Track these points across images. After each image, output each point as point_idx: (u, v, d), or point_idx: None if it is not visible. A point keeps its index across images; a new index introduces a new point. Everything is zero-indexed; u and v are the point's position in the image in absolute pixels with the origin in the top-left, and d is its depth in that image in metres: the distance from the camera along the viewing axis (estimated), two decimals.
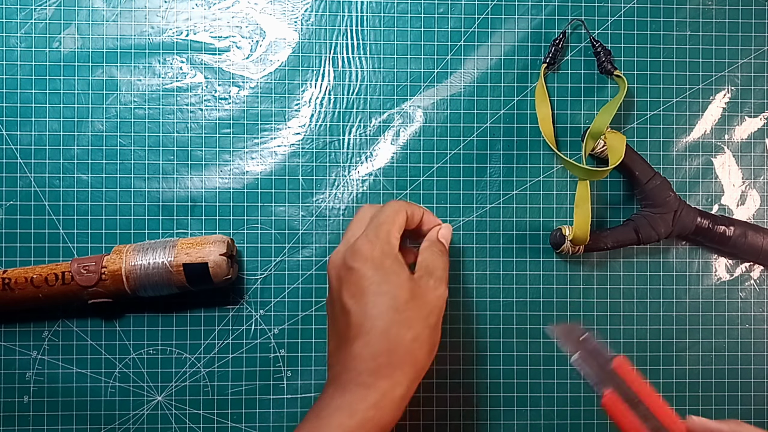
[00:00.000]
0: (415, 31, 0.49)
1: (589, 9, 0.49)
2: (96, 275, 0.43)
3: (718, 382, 0.49)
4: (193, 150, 0.48)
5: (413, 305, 0.37)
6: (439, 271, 0.40)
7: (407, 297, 0.37)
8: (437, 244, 0.42)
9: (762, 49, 0.50)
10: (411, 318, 0.36)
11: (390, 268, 0.37)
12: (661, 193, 0.46)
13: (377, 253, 0.37)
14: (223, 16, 0.48)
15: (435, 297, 0.38)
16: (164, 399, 0.47)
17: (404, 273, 0.37)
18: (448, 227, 0.43)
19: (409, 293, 0.37)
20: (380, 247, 0.38)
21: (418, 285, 0.38)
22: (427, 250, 0.41)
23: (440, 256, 0.41)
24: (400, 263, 0.38)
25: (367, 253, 0.37)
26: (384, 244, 0.38)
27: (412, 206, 0.42)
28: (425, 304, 0.37)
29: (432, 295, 0.38)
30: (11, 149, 0.47)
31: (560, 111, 0.49)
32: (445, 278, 0.40)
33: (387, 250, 0.38)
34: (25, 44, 0.47)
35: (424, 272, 0.39)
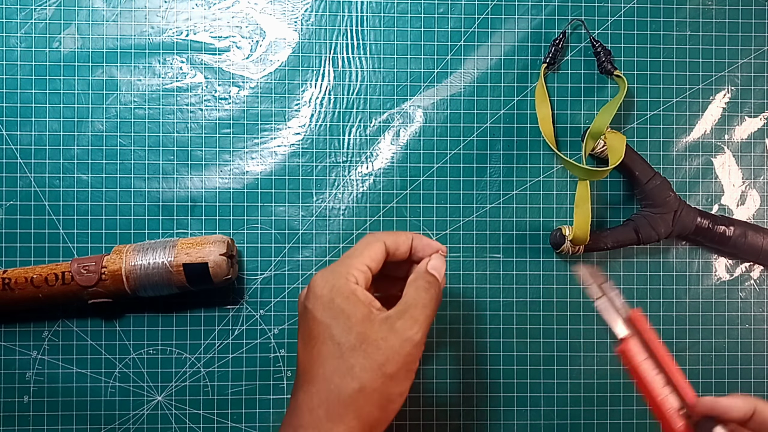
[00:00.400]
0: (415, 31, 0.49)
1: (589, 9, 0.49)
2: (96, 275, 0.43)
3: (718, 382, 0.49)
4: (193, 150, 0.48)
5: (363, 351, 0.32)
6: (417, 310, 0.34)
7: (355, 341, 0.32)
8: (425, 276, 0.37)
9: (762, 49, 0.50)
10: (358, 366, 0.32)
11: (339, 308, 0.33)
12: (661, 193, 0.46)
13: (327, 291, 0.34)
14: (223, 16, 0.48)
15: (399, 341, 0.33)
16: (164, 399, 0.47)
17: (357, 313, 0.33)
18: (439, 257, 0.38)
19: (358, 337, 0.33)
20: (332, 284, 0.34)
21: (377, 327, 0.33)
22: (410, 285, 0.36)
23: (424, 291, 0.35)
24: (354, 301, 0.33)
25: (318, 291, 0.34)
26: (338, 279, 0.34)
27: (395, 235, 0.38)
28: (381, 349, 0.32)
29: (395, 338, 0.33)
30: (11, 149, 0.47)
31: (560, 111, 0.49)
32: (422, 318, 0.34)
33: (339, 287, 0.34)
34: (25, 44, 0.47)
35: (395, 311, 0.34)
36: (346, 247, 0.48)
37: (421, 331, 0.34)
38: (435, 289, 0.36)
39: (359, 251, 0.36)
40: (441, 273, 0.38)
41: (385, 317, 0.34)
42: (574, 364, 0.49)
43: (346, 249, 0.48)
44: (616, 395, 0.49)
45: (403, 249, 0.38)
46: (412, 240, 0.38)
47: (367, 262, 0.36)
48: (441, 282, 0.37)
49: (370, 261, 0.36)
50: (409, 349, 0.33)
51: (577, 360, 0.49)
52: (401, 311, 0.34)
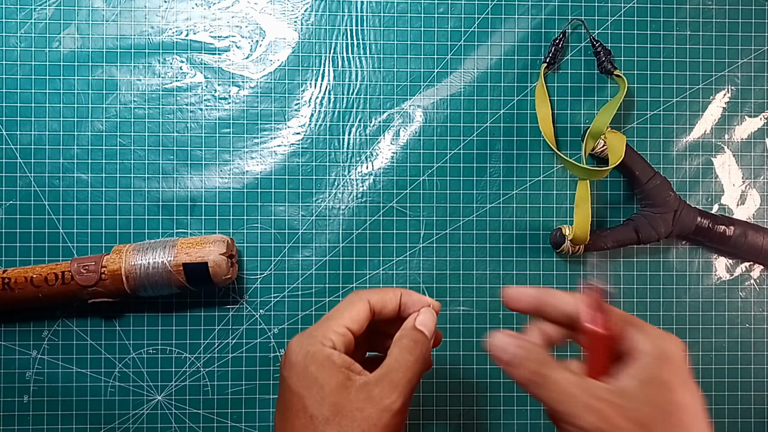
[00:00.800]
0: (415, 31, 0.49)
1: (589, 9, 0.49)
2: (96, 275, 0.43)
3: (718, 382, 0.49)
4: (192, 150, 0.48)
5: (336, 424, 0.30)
6: (398, 374, 0.31)
7: (328, 414, 0.30)
8: (411, 334, 0.34)
9: (762, 49, 0.50)
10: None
11: (312, 376, 0.31)
12: (661, 192, 0.46)
13: (300, 357, 0.31)
14: (223, 15, 0.48)
15: (377, 411, 0.30)
16: (164, 398, 0.47)
17: (331, 381, 0.30)
18: (428, 312, 0.35)
19: (331, 409, 0.30)
20: (306, 350, 0.31)
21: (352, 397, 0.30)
22: (395, 345, 0.33)
23: (408, 352, 0.33)
24: (329, 368, 0.31)
25: (293, 358, 0.32)
26: (312, 344, 0.32)
27: (382, 292, 0.35)
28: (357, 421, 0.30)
29: (372, 408, 0.30)
30: (11, 149, 0.47)
31: (560, 111, 0.49)
32: (402, 382, 0.31)
33: (313, 353, 0.31)
34: (24, 44, 0.47)
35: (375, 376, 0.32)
36: (346, 247, 0.48)
37: (401, 398, 0.31)
38: (421, 348, 0.33)
39: (339, 312, 0.34)
40: (430, 329, 0.35)
41: (363, 383, 0.31)
42: None
43: (346, 249, 0.48)
44: None
45: (390, 306, 0.35)
46: (400, 296, 0.36)
47: (347, 324, 0.33)
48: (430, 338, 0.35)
49: (350, 322, 0.33)
50: (388, 420, 0.30)
51: None
52: (381, 375, 0.31)
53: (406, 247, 0.48)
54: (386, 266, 0.48)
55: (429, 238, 0.48)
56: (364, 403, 0.30)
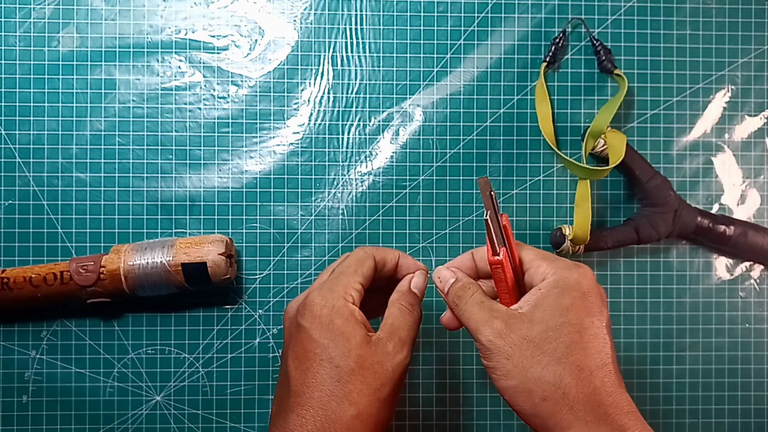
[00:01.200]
0: (415, 31, 0.49)
1: (589, 8, 0.49)
2: (94, 275, 0.43)
3: (718, 382, 0.49)
4: (191, 149, 0.48)
5: (361, 376, 0.32)
6: (403, 332, 0.34)
7: (354, 366, 0.32)
8: (407, 296, 0.37)
9: (762, 48, 0.50)
10: (355, 391, 0.32)
11: (339, 330, 0.33)
12: (661, 192, 0.46)
13: (326, 311, 0.33)
14: (222, 14, 0.48)
15: (392, 365, 0.33)
16: (163, 399, 0.47)
17: (356, 336, 0.33)
18: (421, 274, 0.38)
19: (357, 361, 0.32)
20: (331, 304, 0.33)
21: (372, 351, 0.33)
22: (393, 305, 0.36)
23: (408, 312, 0.36)
24: (353, 323, 0.33)
25: (317, 311, 0.33)
26: (336, 299, 0.34)
27: (384, 251, 0.38)
28: (377, 374, 0.32)
29: (388, 363, 0.33)
30: (10, 149, 0.47)
31: (560, 110, 0.49)
32: (408, 340, 0.35)
33: (339, 307, 0.33)
34: (24, 44, 0.47)
35: (384, 333, 0.34)
36: (345, 247, 0.48)
37: (409, 353, 0.34)
38: (418, 310, 0.36)
39: (353, 268, 0.36)
40: (422, 291, 0.38)
41: (377, 339, 0.34)
42: None
43: (345, 249, 0.48)
44: None
45: (389, 266, 0.38)
46: (398, 258, 0.38)
47: (360, 280, 0.35)
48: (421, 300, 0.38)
49: (363, 279, 0.36)
50: (401, 372, 0.34)
51: None
52: (390, 334, 0.34)
53: (406, 247, 0.48)
54: None
55: (429, 238, 0.48)
56: (382, 357, 0.33)
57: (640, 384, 0.49)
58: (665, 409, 0.49)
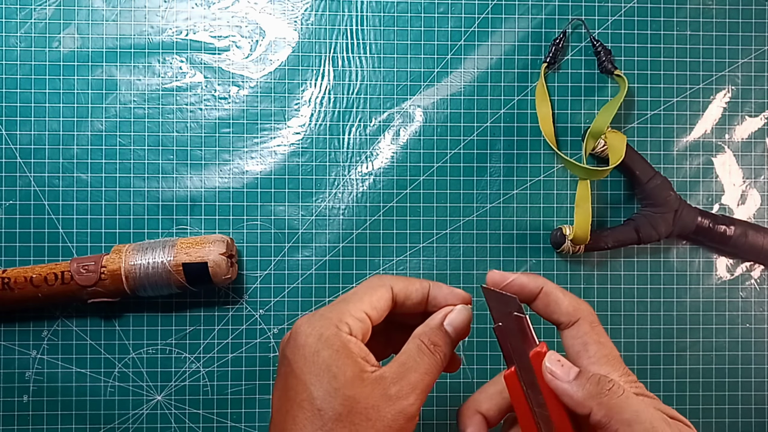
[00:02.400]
0: (415, 31, 0.49)
1: (590, 8, 0.49)
2: (95, 275, 0.43)
3: (718, 382, 0.49)
4: (192, 149, 0.48)
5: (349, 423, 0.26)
6: (417, 376, 0.28)
7: (340, 409, 0.26)
8: (433, 333, 0.30)
9: (762, 49, 0.50)
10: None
11: (324, 364, 0.27)
12: (661, 192, 0.46)
13: (312, 340, 0.27)
14: (223, 15, 0.48)
15: (392, 413, 0.27)
16: (164, 398, 0.47)
17: (347, 372, 0.27)
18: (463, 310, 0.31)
19: (344, 404, 0.26)
20: (319, 332, 0.28)
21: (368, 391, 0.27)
22: (413, 340, 0.30)
23: (428, 353, 0.29)
24: (345, 356, 0.27)
25: (301, 340, 0.28)
26: (328, 327, 0.28)
27: (407, 281, 0.31)
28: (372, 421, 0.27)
29: (387, 408, 0.27)
30: (11, 149, 0.47)
31: (560, 110, 0.49)
32: (421, 387, 0.28)
33: (328, 337, 0.27)
34: (24, 44, 0.47)
35: (390, 372, 0.28)
36: (346, 247, 0.48)
37: (418, 402, 0.28)
38: (442, 353, 0.29)
39: (359, 296, 0.30)
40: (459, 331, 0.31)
41: (378, 377, 0.28)
42: None
43: (346, 249, 0.48)
44: None
45: (415, 298, 0.31)
46: (429, 289, 0.31)
47: (366, 309, 0.29)
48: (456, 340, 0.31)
49: (370, 308, 0.29)
50: (403, 423, 0.27)
51: None
52: (398, 373, 0.28)
53: (406, 247, 0.48)
54: (386, 266, 0.48)
55: (429, 238, 0.48)
56: (380, 401, 0.27)
57: None
58: None
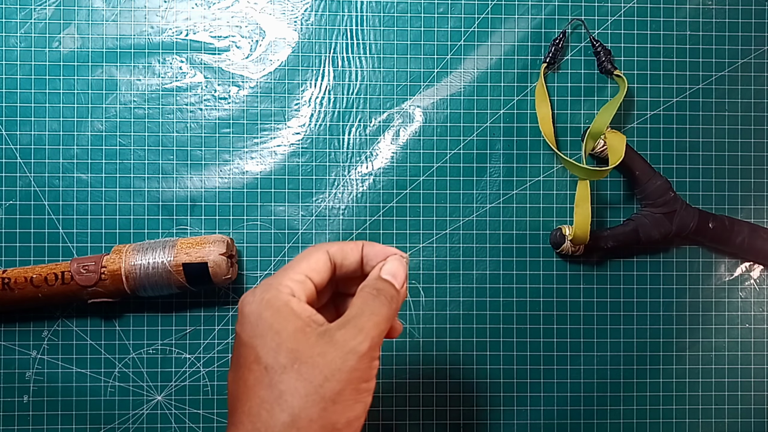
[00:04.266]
0: (415, 31, 0.49)
1: (589, 9, 0.49)
2: (95, 275, 0.43)
3: (718, 382, 0.49)
4: (192, 150, 0.48)
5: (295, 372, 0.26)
6: (363, 318, 0.28)
7: (285, 362, 0.26)
8: (376, 283, 0.30)
9: (762, 49, 0.50)
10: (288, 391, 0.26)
11: (267, 323, 0.27)
12: (661, 192, 0.46)
13: (254, 306, 0.28)
14: (223, 15, 0.48)
15: (341, 354, 0.27)
16: (164, 399, 0.47)
17: (289, 326, 0.27)
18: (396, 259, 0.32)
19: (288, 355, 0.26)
20: (260, 297, 0.28)
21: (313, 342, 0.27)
22: (358, 295, 0.30)
23: (372, 298, 0.29)
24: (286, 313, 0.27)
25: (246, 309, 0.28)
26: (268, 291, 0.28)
27: (342, 244, 0.32)
28: (318, 367, 0.26)
29: (335, 352, 0.27)
30: (11, 149, 0.47)
31: (560, 111, 0.49)
32: (369, 326, 0.28)
33: (269, 299, 0.28)
34: (24, 44, 0.47)
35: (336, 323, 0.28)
36: None
37: (368, 340, 0.27)
38: (386, 294, 0.30)
39: (297, 261, 0.30)
40: (399, 279, 0.31)
41: (323, 330, 0.28)
42: (574, 364, 0.49)
43: None
44: (616, 395, 0.49)
45: (352, 258, 0.32)
46: (362, 248, 0.32)
47: (305, 272, 0.30)
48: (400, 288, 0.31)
49: (310, 271, 0.30)
50: (354, 363, 0.27)
51: (577, 360, 0.49)
52: (344, 321, 0.28)
53: (406, 247, 0.48)
54: None
55: (429, 238, 0.48)
56: (325, 348, 0.27)
57: (640, 384, 0.49)
58: (665, 409, 0.49)
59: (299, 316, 0.28)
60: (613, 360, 0.49)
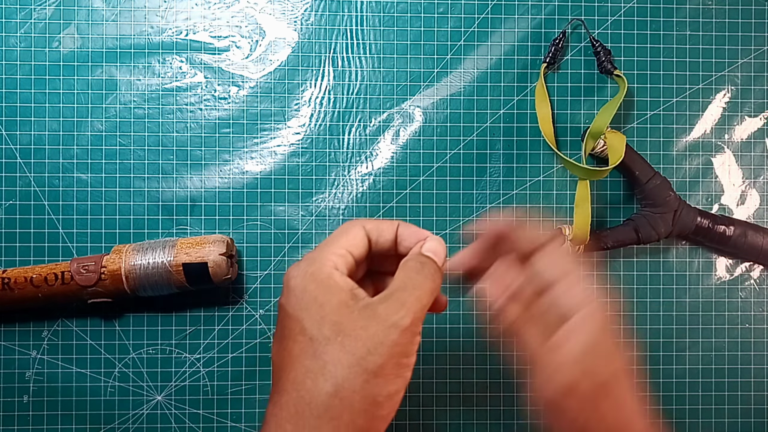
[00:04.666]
0: (415, 31, 0.49)
1: (589, 9, 0.49)
2: (95, 275, 0.43)
3: (718, 382, 0.49)
4: (192, 150, 0.48)
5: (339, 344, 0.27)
6: (405, 293, 0.29)
7: (329, 333, 0.27)
8: (418, 257, 0.31)
9: (762, 49, 0.50)
10: (331, 362, 0.27)
11: (311, 296, 0.28)
12: (661, 192, 0.46)
13: (299, 280, 0.29)
14: (223, 15, 0.48)
15: (383, 328, 0.27)
16: (164, 398, 0.47)
17: (333, 299, 0.28)
18: (436, 240, 0.32)
19: (333, 327, 0.27)
20: (305, 271, 0.29)
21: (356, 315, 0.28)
22: (401, 268, 0.30)
23: (415, 272, 0.30)
24: (330, 286, 0.28)
25: (292, 283, 0.29)
26: (310, 265, 0.29)
27: (378, 222, 0.32)
28: (361, 339, 0.27)
29: (377, 326, 0.27)
30: (11, 149, 0.47)
31: (560, 111, 0.49)
32: (411, 300, 0.28)
33: (313, 272, 0.29)
34: (24, 44, 0.47)
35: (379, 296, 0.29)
36: None
37: (410, 315, 0.28)
38: (429, 269, 0.30)
39: (336, 237, 0.31)
40: (440, 256, 0.31)
41: (366, 304, 0.28)
42: None
43: None
44: None
45: (386, 236, 0.32)
46: (397, 227, 0.32)
47: (345, 247, 0.30)
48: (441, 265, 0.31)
49: (349, 245, 0.30)
50: (396, 338, 0.27)
51: None
52: (386, 295, 0.29)
53: None
54: None
55: None
56: (368, 321, 0.27)
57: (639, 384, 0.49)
58: (665, 409, 0.49)
59: (342, 288, 0.28)
60: None
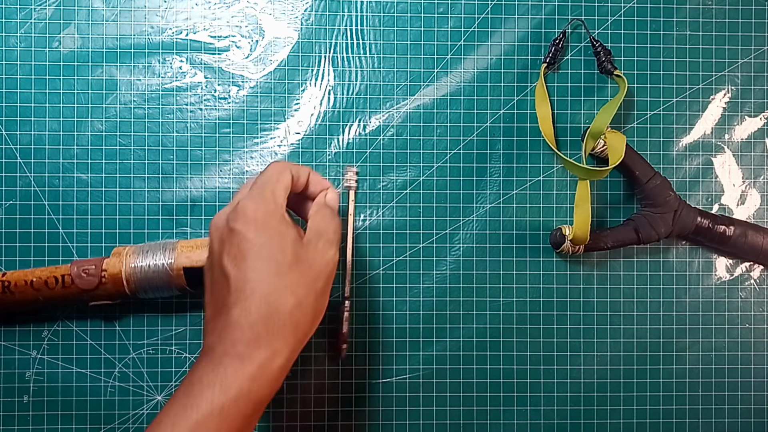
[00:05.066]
0: (415, 31, 0.49)
1: (589, 9, 0.49)
2: (96, 278, 0.43)
3: (718, 382, 0.49)
4: (192, 150, 0.48)
5: (298, 269, 0.35)
6: (330, 234, 0.38)
7: (291, 260, 0.35)
8: (327, 206, 0.40)
9: (762, 49, 0.50)
10: (294, 283, 0.35)
11: (275, 229, 0.36)
12: (661, 192, 0.46)
13: (260, 214, 0.36)
14: (223, 15, 0.48)
15: (324, 261, 0.37)
16: (164, 399, 0.47)
17: (290, 234, 0.36)
18: (334, 192, 0.42)
19: (293, 256, 0.35)
20: (264, 207, 0.36)
21: (305, 248, 0.36)
22: (317, 214, 0.39)
23: (330, 218, 0.39)
24: (286, 223, 0.36)
25: (251, 214, 0.36)
26: (268, 203, 0.36)
27: (297, 166, 0.40)
28: (312, 268, 0.36)
29: (321, 259, 0.37)
30: (11, 149, 0.47)
31: (560, 111, 0.49)
32: (335, 241, 0.38)
33: (272, 210, 0.36)
34: (24, 44, 0.47)
35: (312, 235, 0.38)
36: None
37: (336, 249, 0.39)
38: (336, 219, 0.40)
39: (275, 177, 0.38)
40: (336, 207, 0.42)
41: (307, 239, 0.37)
42: (574, 364, 0.49)
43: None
44: (616, 395, 0.49)
45: (302, 180, 0.40)
46: (308, 174, 0.41)
47: (285, 187, 0.38)
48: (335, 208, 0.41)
49: (285, 188, 0.38)
50: (332, 268, 0.38)
51: (577, 360, 0.49)
52: (317, 235, 0.38)
53: (406, 247, 0.48)
54: (386, 266, 0.48)
55: (429, 238, 0.48)
56: (314, 254, 0.37)
57: (640, 384, 0.49)
58: (665, 409, 0.49)
59: (293, 226, 0.37)
60: (613, 360, 0.49)
